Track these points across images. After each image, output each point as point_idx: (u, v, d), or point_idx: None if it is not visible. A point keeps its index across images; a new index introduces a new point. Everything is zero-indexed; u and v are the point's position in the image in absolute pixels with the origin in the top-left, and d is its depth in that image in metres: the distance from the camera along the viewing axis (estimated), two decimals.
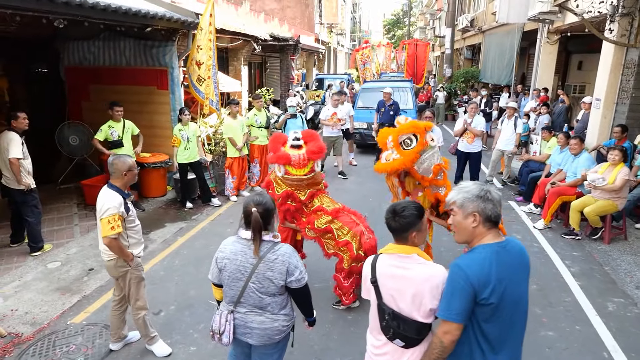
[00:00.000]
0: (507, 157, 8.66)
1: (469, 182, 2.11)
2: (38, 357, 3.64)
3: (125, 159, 3.37)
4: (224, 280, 2.51)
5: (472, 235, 2.02)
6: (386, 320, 2.12)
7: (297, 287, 2.48)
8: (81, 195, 7.47)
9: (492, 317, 1.96)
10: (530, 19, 10.94)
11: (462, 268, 1.93)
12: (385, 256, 2.20)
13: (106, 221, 3.17)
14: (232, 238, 2.55)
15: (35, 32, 7.48)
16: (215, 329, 2.54)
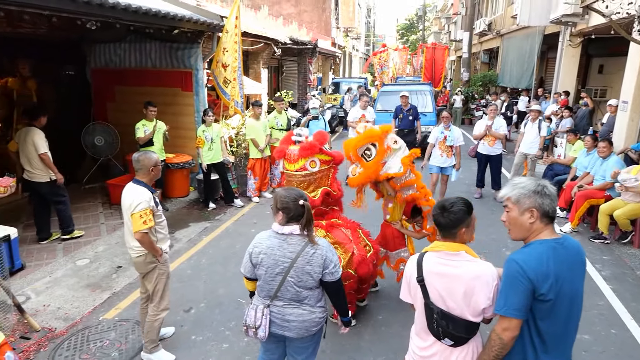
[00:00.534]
0: (531, 160, 8.54)
1: (522, 178, 2.06)
2: (73, 352, 3.68)
3: (150, 154, 3.40)
4: (260, 275, 2.52)
5: (529, 231, 1.97)
6: (435, 319, 2.08)
7: (331, 281, 2.49)
8: (106, 195, 7.58)
9: (549, 314, 1.93)
10: (552, 21, 10.83)
11: (519, 263, 1.90)
12: (432, 254, 2.15)
13: (138, 216, 3.16)
14: (267, 233, 2.55)
15: (63, 35, 7.65)
16: (250, 324, 2.53)
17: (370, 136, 3.67)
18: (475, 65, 24.48)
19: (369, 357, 3.60)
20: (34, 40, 7.50)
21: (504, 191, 2.06)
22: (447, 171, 7.28)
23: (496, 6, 21.27)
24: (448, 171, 7.28)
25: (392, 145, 3.72)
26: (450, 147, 7.14)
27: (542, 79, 16.39)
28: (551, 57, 16.04)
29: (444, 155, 7.18)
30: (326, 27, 22.11)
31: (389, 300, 4.43)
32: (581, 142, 7.71)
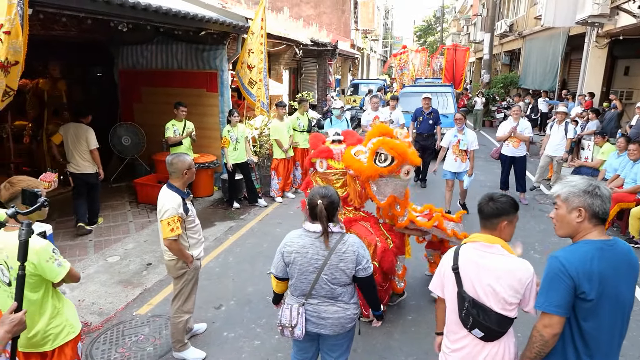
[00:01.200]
0: (557, 162, 8.43)
1: (575, 176, 2.06)
2: (109, 345, 3.77)
3: (184, 157, 3.34)
4: (293, 274, 2.53)
5: (576, 230, 1.97)
6: (466, 308, 2.12)
7: (364, 276, 2.51)
8: (133, 194, 7.72)
9: (591, 315, 1.91)
10: (578, 22, 10.66)
11: (560, 260, 1.90)
12: (470, 244, 2.21)
13: (165, 223, 3.15)
14: (298, 231, 2.57)
15: (92, 37, 7.83)
16: (285, 323, 2.55)
17: (401, 153, 3.51)
18: (496, 67, 24.22)
19: (400, 356, 3.60)
20: (64, 43, 7.69)
21: (556, 188, 2.06)
22: (462, 176, 6.98)
23: (518, 7, 21.02)
24: (462, 176, 6.98)
25: (402, 175, 3.59)
26: (465, 152, 6.84)
27: (565, 81, 16.16)
28: (574, 58, 15.80)
29: (458, 159, 6.87)
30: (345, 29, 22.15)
31: (418, 301, 4.43)
32: (609, 144, 7.57)
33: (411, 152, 3.64)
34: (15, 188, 2.20)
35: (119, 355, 3.63)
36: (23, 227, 1.96)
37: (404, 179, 3.62)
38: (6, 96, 3.55)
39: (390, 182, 3.60)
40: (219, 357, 3.61)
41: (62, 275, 2.32)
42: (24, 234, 1.96)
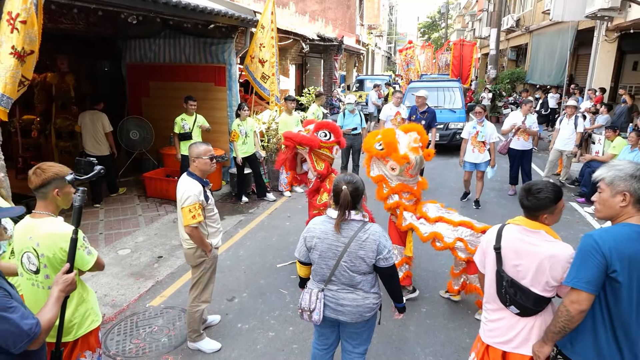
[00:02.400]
0: (567, 157, 8.37)
1: (622, 161, 2.02)
2: (124, 336, 3.76)
3: (196, 145, 3.32)
4: (314, 259, 2.55)
5: (618, 214, 1.94)
6: (504, 287, 2.18)
7: (385, 266, 2.49)
8: (141, 188, 7.72)
9: (621, 297, 1.89)
10: (587, 16, 10.56)
11: (595, 238, 1.89)
12: (513, 227, 2.23)
13: (187, 210, 3.13)
14: (322, 217, 2.58)
15: (100, 31, 7.83)
16: (305, 307, 2.57)
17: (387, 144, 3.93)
18: (502, 63, 24.09)
19: (416, 348, 3.58)
20: (72, 36, 7.68)
21: (600, 171, 2.01)
22: (481, 167, 7.13)
23: (525, 2, 20.87)
24: (482, 167, 7.13)
25: (388, 167, 3.98)
26: (483, 143, 7.00)
27: (572, 76, 16.04)
28: (581, 53, 15.67)
29: (476, 150, 7.05)
30: (350, 24, 22.05)
31: (432, 294, 4.41)
32: (620, 138, 7.51)
33: (402, 155, 3.88)
34: (47, 174, 2.19)
35: (134, 346, 3.63)
36: (79, 194, 2.14)
37: (388, 171, 3.98)
38: (21, 86, 3.54)
39: (379, 166, 4.05)
40: (234, 349, 3.59)
41: (92, 263, 2.31)
42: (79, 200, 2.13)
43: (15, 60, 3.41)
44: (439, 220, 3.98)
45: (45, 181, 2.19)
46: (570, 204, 7.32)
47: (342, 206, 2.45)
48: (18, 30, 3.34)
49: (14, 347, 1.71)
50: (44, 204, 2.23)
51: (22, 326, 1.72)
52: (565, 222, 6.50)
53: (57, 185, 2.22)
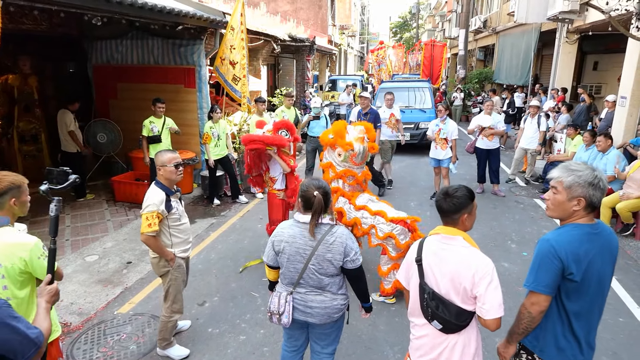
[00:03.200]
0: (531, 155, 8.66)
1: (580, 165, 2.05)
2: (90, 345, 3.70)
3: (162, 154, 3.29)
4: (283, 263, 2.58)
5: (569, 215, 2.04)
6: (425, 299, 2.13)
7: (352, 268, 2.54)
8: (110, 192, 7.57)
9: (576, 294, 2.01)
10: (549, 18, 10.93)
11: (551, 242, 1.99)
12: (433, 237, 2.22)
13: (144, 217, 3.13)
14: (290, 222, 2.62)
15: (64, 31, 7.63)
16: (274, 310, 2.60)
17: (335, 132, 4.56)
18: (471, 63, 24.63)
19: (385, 346, 3.66)
20: (34, 37, 7.45)
21: (557, 173, 2.06)
22: (444, 163, 7.40)
23: (491, 3, 21.40)
24: (445, 163, 7.40)
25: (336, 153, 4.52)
26: (445, 140, 7.29)
27: (537, 76, 16.56)
28: (545, 54, 16.19)
29: (439, 147, 7.36)
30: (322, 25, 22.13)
31: (400, 292, 4.49)
32: (580, 137, 7.82)
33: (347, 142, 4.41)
34: (2, 184, 2.17)
35: (102, 355, 3.57)
36: (55, 204, 2.13)
37: (336, 157, 4.51)
38: None
39: (330, 153, 4.59)
40: (205, 354, 3.59)
41: None
42: (55, 209, 2.14)
43: None
44: (363, 208, 4.40)
45: (2, 191, 2.15)
46: (534, 200, 7.58)
47: (316, 212, 2.49)
48: None
49: (23, 357, 1.69)
50: (0, 213, 2.19)
51: (29, 335, 1.70)
52: (530, 218, 6.73)
53: (13, 195, 2.19)
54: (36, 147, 7.90)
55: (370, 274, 4.51)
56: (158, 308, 4.23)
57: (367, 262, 5.19)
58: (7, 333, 1.65)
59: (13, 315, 1.70)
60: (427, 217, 6.91)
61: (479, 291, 1.99)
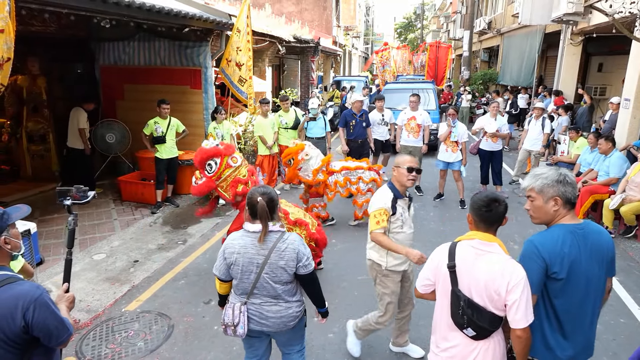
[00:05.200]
0: (534, 157, 8.69)
1: (543, 168, 2.17)
2: (99, 342, 3.78)
3: (402, 155, 3.21)
4: (236, 275, 2.54)
5: (552, 217, 2.12)
6: (461, 307, 2.07)
7: (305, 273, 2.54)
8: (116, 192, 7.66)
9: (562, 293, 2.08)
10: (554, 20, 10.95)
11: (535, 244, 2.07)
12: (466, 242, 2.17)
13: (372, 216, 3.09)
14: (239, 232, 2.58)
15: (72, 33, 7.72)
16: (228, 322, 2.56)
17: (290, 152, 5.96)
18: (475, 64, 24.63)
19: (387, 345, 3.72)
20: (43, 39, 7.55)
21: (527, 182, 2.17)
22: (454, 166, 7.35)
23: (496, 5, 21.41)
24: (455, 166, 7.34)
25: (305, 157, 5.91)
26: (455, 143, 7.27)
27: (542, 77, 16.56)
28: (550, 55, 16.19)
29: (449, 150, 7.32)
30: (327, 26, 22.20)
31: None
32: (583, 139, 7.85)
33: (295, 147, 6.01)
34: None
35: (110, 351, 3.65)
36: (73, 218, 2.43)
37: (307, 158, 5.94)
38: None
39: (306, 166, 5.97)
40: (210, 351, 3.66)
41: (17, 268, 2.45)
42: (73, 223, 2.44)
43: None
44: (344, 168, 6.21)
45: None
46: None
47: (262, 218, 2.47)
48: None
49: (58, 340, 1.83)
50: None
51: (64, 320, 1.86)
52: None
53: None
54: (44, 147, 8.00)
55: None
56: (165, 306, 4.33)
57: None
58: (48, 315, 1.78)
59: (52, 301, 1.83)
60: (430, 217, 6.98)
61: (512, 298, 1.97)
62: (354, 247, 5.71)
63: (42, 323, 1.76)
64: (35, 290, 1.79)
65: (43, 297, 1.79)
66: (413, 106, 7.92)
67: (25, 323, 1.74)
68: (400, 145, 8.01)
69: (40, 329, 1.77)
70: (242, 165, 4.44)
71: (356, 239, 5.98)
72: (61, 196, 2.51)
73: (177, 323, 4.03)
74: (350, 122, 7.65)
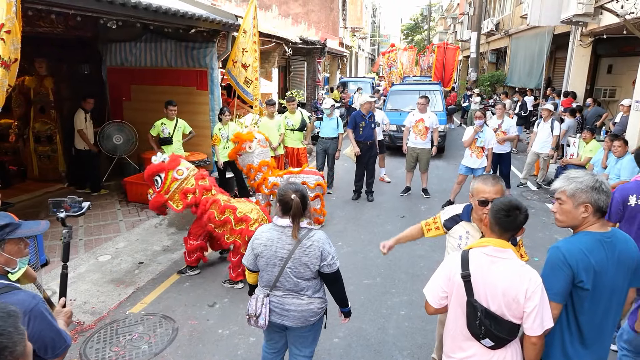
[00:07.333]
0: (543, 159, 8.58)
1: (579, 172, 2.08)
2: (103, 344, 3.76)
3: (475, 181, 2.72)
4: (261, 266, 2.61)
5: (580, 223, 2.04)
6: (479, 318, 1.98)
7: (329, 272, 2.56)
8: (122, 192, 7.66)
9: (586, 303, 2.00)
10: (563, 21, 10.83)
11: (561, 250, 1.99)
12: (479, 249, 2.06)
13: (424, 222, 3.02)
14: (268, 225, 2.66)
15: (79, 34, 7.73)
16: (251, 312, 2.64)
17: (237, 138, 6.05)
18: (483, 65, 24.48)
19: (394, 351, 3.66)
20: (50, 40, 7.58)
21: (559, 183, 2.08)
22: (477, 173, 6.98)
23: (504, 6, 21.26)
24: (478, 173, 6.97)
25: (247, 149, 5.91)
26: (482, 148, 6.97)
27: (550, 79, 16.40)
28: (559, 56, 16.03)
29: (474, 155, 7.02)
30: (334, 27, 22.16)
31: (410, 296, 4.49)
32: (595, 142, 7.74)
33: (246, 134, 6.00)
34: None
35: (114, 354, 3.62)
36: (67, 231, 2.37)
37: (249, 151, 5.88)
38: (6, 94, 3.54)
39: (245, 157, 5.97)
40: (215, 354, 3.62)
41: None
42: (68, 236, 2.38)
43: (3, 70, 3.41)
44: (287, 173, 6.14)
45: None
46: (546, 205, 7.50)
47: (295, 215, 2.51)
48: (4, 40, 3.34)
49: (54, 352, 1.79)
50: None
51: (62, 333, 1.82)
52: (542, 223, 6.68)
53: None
54: (51, 148, 8.02)
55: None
56: (169, 308, 4.30)
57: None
58: (44, 327, 1.74)
59: (49, 311, 1.79)
60: None
61: (530, 305, 1.90)
62: (360, 250, 5.66)
63: (37, 334, 1.70)
64: (30, 300, 1.73)
65: (39, 307, 1.73)
66: (421, 108, 7.82)
67: None
68: (407, 146, 7.96)
69: (36, 340, 1.69)
70: (190, 175, 4.54)
71: (362, 242, 5.93)
72: (55, 207, 2.46)
73: (182, 326, 4.00)
74: (360, 124, 7.57)
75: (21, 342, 1.28)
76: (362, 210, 7.29)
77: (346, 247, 5.75)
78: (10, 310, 1.29)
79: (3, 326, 1.24)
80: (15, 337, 1.25)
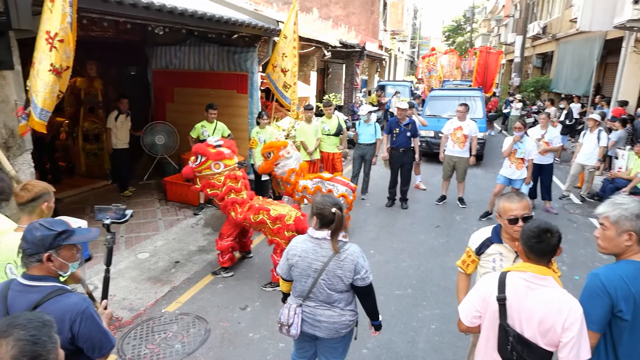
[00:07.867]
0: (588, 171, 8.21)
1: (625, 198, 2.03)
2: (139, 341, 3.91)
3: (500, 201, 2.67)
4: (295, 276, 2.65)
5: (622, 251, 1.97)
6: (510, 343, 1.95)
7: (362, 286, 2.59)
8: (162, 192, 7.92)
9: (625, 334, 1.93)
10: (616, 26, 10.33)
11: (600, 277, 1.92)
12: (517, 274, 2.01)
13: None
14: (303, 236, 2.70)
15: (127, 38, 8.06)
16: (283, 321, 2.68)
17: (272, 146, 5.84)
18: (527, 70, 23.69)
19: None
20: (101, 43, 7.94)
21: (603, 208, 2.03)
22: (516, 184, 6.80)
23: (552, 9, 20.50)
24: (517, 184, 6.80)
25: (286, 154, 5.66)
26: (522, 160, 6.74)
27: (599, 86, 15.67)
28: (610, 62, 15.30)
29: (513, 166, 6.80)
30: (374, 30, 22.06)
31: (442, 310, 4.42)
32: None
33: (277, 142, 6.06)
34: (37, 188, 2.47)
35: (149, 352, 3.76)
36: (111, 236, 2.56)
37: (287, 156, 5.65)
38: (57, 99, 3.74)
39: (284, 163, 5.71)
40: (245, 358, 3.69)
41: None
42: (111, 241, 2.57)
43: (54, 77, 3.61)
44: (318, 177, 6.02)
45: (37, 195, 2.42)
46: (589, 219, 7.18)
47: (337, 229, 2.55)
48: (57, 48, 3.53)
49: (101, 351, 1.91)
50: (29, 218, 2.41)
51: (108, 334, 1.94)
52: (584, 239, 6.40)
53: (45, 199, 2.47)
54: (98, 146, 8.40)
55: None
56: (203, 309, 4.41)
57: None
58: (93, 327, 1.86)
59: (97, 313, 1.91)
60: (473, 232, 6.74)
61: (568, 336, 1.85)
62: (392, 259, 5.61)
63: (87, 334, 1.83)
64: (82, 302, 1.86)
65: (89, 309, 1.86)
66: (460, 116, 7.66)
67: (72, 334, 1.81)
68: (444, 155, 7.82)
69: (86, 340, 1.84)
70: (222, 174, 4.84)
71: (394, 251, 5.88)
72: (101, 213, 2.63)
73: (214, 327, 4.10)
74: (394, 130, 7.54)
75: (54, 351, 1.39)
76: (396, 218, 7.23)
77: (378, 256, 5.72)
78: (46, 320, 1.41)
79: (38, 335, 1.35)
80: (48, 345, 1.37)
